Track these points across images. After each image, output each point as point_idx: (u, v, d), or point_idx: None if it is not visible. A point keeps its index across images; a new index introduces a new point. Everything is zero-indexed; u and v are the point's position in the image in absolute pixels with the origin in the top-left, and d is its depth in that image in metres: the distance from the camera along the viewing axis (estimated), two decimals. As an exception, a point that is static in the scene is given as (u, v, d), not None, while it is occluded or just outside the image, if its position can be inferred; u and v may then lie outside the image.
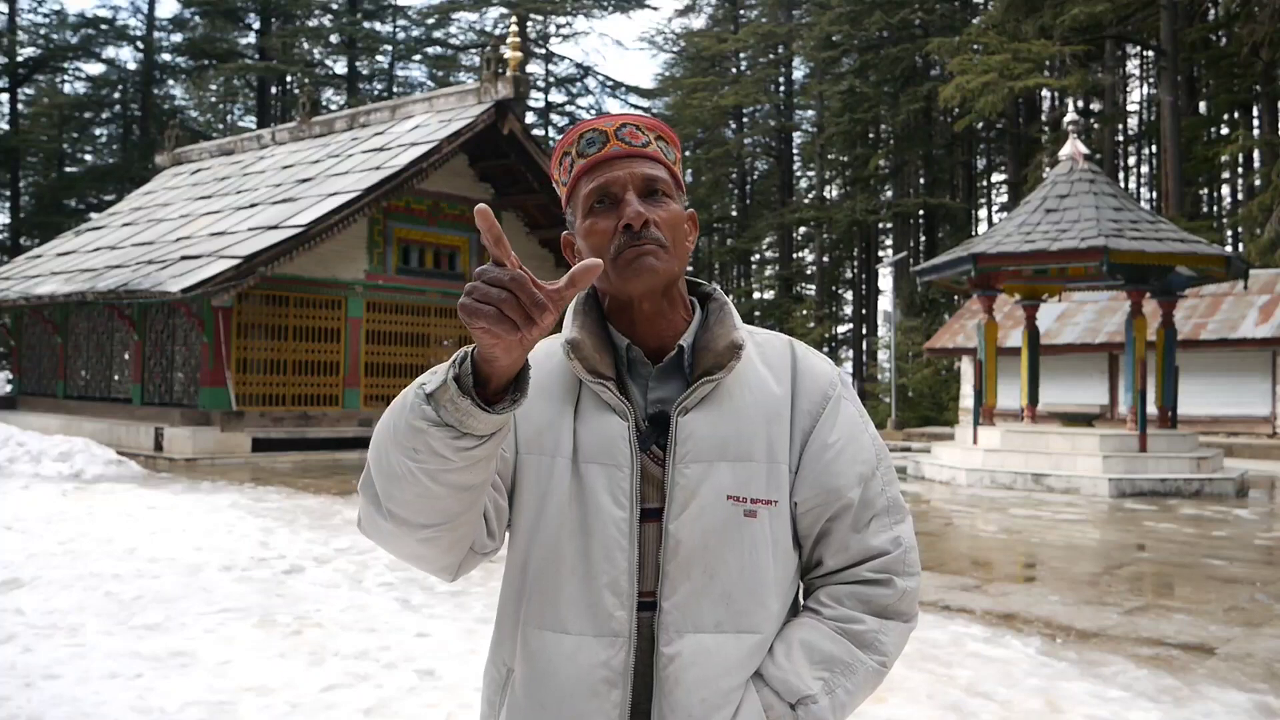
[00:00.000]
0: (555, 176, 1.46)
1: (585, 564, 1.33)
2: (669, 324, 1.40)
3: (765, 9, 45.82)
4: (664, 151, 1.41)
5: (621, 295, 1.38)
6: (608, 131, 1.39)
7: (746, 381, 1.39)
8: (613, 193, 1.37)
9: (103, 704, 4.21)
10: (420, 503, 1.22)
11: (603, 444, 1.35)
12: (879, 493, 1.42)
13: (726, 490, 1.34)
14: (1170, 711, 4.33)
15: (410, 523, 1.25)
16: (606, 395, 1.36)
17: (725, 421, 1.36)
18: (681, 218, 1.40)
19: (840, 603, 1.39)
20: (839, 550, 1.40)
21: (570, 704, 1.32)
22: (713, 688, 1.31)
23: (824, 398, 1.42)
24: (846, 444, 1.41)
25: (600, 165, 1.38)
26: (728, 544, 1.33)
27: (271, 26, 42.36)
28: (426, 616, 5.78)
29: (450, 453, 1.16)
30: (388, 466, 1.22)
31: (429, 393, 1.16)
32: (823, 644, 1.36)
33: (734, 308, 1.45)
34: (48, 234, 32.50)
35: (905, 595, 1.40)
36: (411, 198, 18.35)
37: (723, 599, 1.33)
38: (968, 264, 13.70)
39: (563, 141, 1.43)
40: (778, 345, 1.46)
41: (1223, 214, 37.21)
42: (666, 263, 1.35)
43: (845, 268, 46.56)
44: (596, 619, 1.32)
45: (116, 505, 10.11)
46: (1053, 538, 9.25)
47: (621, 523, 1.33)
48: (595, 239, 1.36)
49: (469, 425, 1.14)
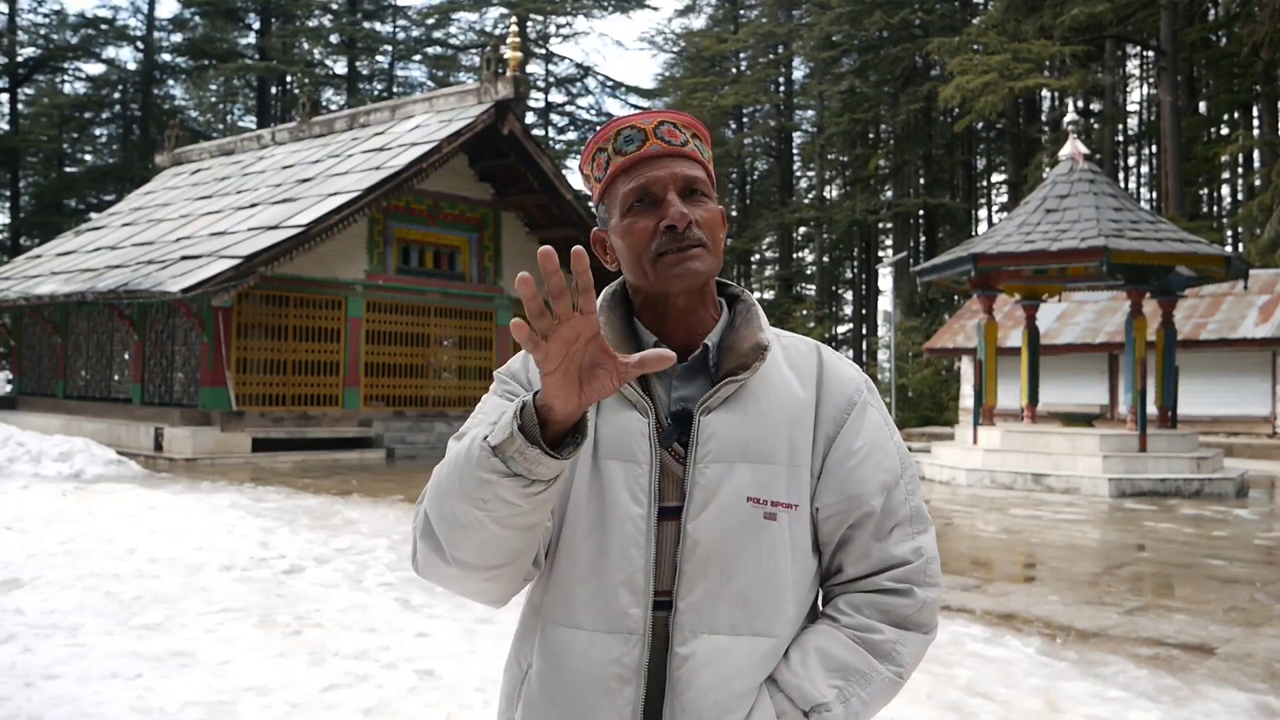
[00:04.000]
0: (586, 172, 1.44)
1: (602, 560, 1.33)
2: (699, 321, 1.40)
3: (765, 9, 45.81)
4: (700, 150, 1.40)
5: (658, 293, 1.38)
6: (647, 130, 1.37)
7: (771, 384, 1.38)
8: (654, 192, 1.36)
9: (103, 704, 4.20)
10: (487, 547, 1.26)
11: (622, 440, 1.34)
12: (902, 501, 1.40)
13: (747, 492, 1.33)
14: (1170, 711, 4.33)
15: (476, 566, 1.29)
16: (628, 391, 1.35)
17: (748, 423, 1.35)
18: (720, 217, 1.40)
19: (859, 611, 1.37)
20: (859, 558, 1.39)
21: (582, 699, 1.33)
22: (725, 690, 1.30)
23: (849, 404, 1.41)
24: (871, 451, 1.39)
25: (640, 164, 1.37)
26: (745, 546, 1.33)
27: (271, 26, 42.36)
28: (426, 616, 5.78)
29: (519, 499, 1.19)
30: (453, 517, 1.25)
31: (494, 445, 1.18)
32: (839, 652, 1.34)
33: (761, 310, 1.45)
34: (48, 234, 32.51)
35: (925, 606, 1.38)
36: (411, 198, 18.35)
37: (739, 601, 1.32)
38: (968, 264, 13.71)
39: (597, 137, 1.41)
40: (804, 350, 1.45)
41: (1223, 214, 37.21)
42: (708, 263, 1.36)
43: (845, 268, 46.56)
44: (611, 616, 1.32)
45: (116, 505, 10.11)
46: (1053, 538, 9.25)
47: (639, 520, 1.33)
48: (634, 238, 1.36)
49: (538, 472, 1.17)
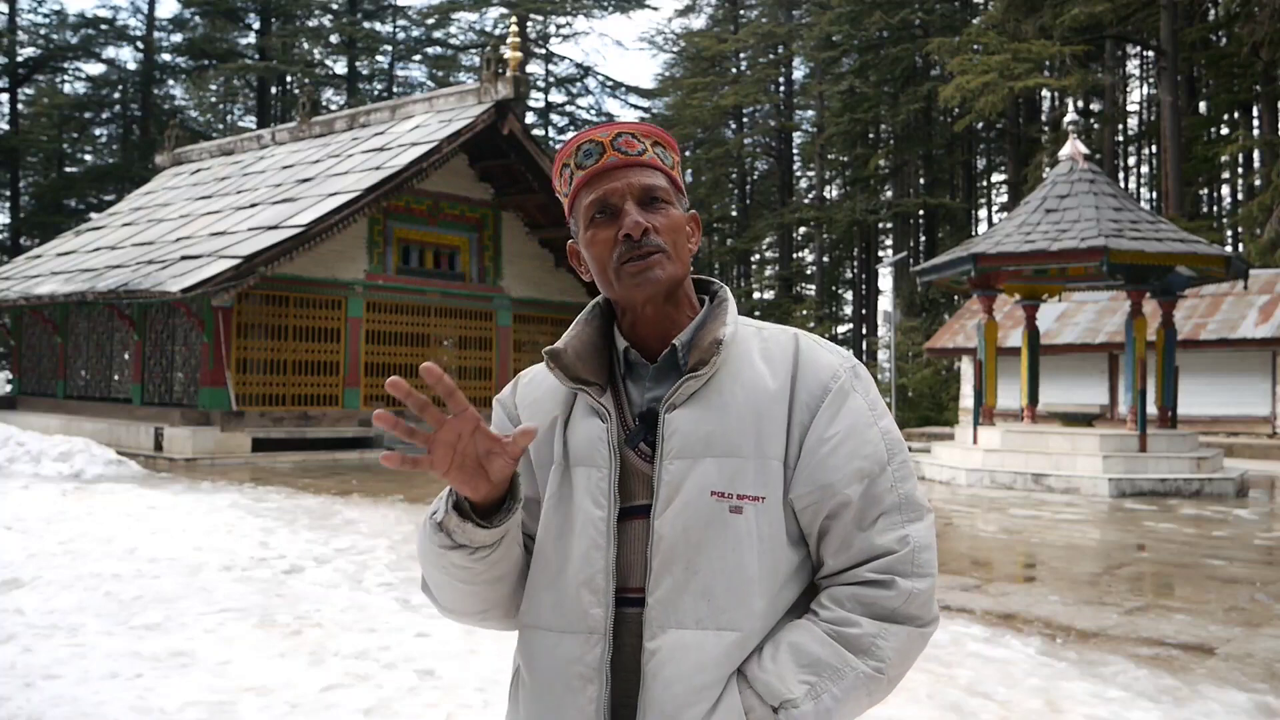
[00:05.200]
0: (557, 188, 1.49)
1: (567, 563, 1.38)
2: (673, 324, 1.43)
3: (765, 9, 45.81)
4: (661, 158, 1.43)
5: (625, 302, 1.42)
6: (604, 142, 1.41)
7: (738, 377, 1.39)
8: (612, 203, 1.39)
9: (103, 704, 4.20)
10: (465, 600, 1.44)
11: (586, 447, 1.40)
12: (888, 489, 1.37)
13: (711, 486, 1.34)
14: (1170, 711, 4.33)
15: (462, 612, 1.48)
16: (588, 400, 1.41)
17: (711, 417, 1.36)
18: (682, 222, 1.42)
19: (840, 605, 1.35)
20: (840, 549, 1.36)
21: (551, 698, 1.38)
22: (687, 684, 1.31)
23: (823, 390, 1.39)
24: (845, 438, 1.36)
25: (598, 176, 1.40)
26: (710, 540, 1.33)
27: (271, 26, 42.35)
28: (426, 616, 5.77)
29: (469, 563, 1.36)
30: (430, 577, 1.45)
31: (438, 523, 1.36)
32: (811, 647, 1.32)
33: (732, 304, 1.46)
34: (48, 234, 32.51)
35: (912, 598, 1.34)
36: (411, 198, 18.35)
37: (703, 595, 1.33)
38: (968, 264, 13.70)
39: (561, 153, 1.45)
40: (783, 340, 1.44)
41: (1223, 214, 37.21)
42: (668, 269, 1.39)
43: (845, 268, 46.59)
44: (574, 616, 1.37)
45: (116, 505, 10.11)
46: (1053, 538, 9.25)
47: (599, 522, 1.37)
48: (598, 249, 1.40)
49: (478, 540, 1.34)
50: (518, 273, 20.23)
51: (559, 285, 20.86)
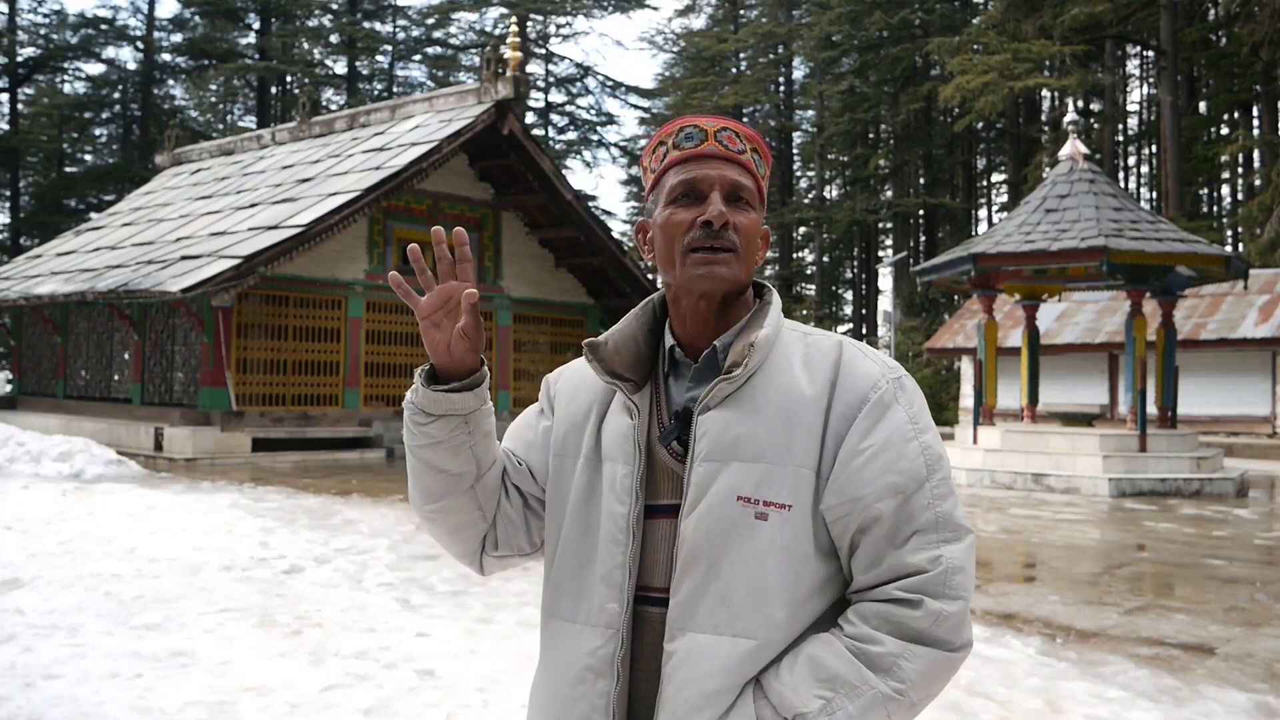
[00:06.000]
0: (645, 164, 1.48)
1: (589, 557, 1.41)
2: (723, 326, 1.42)
3: (765, 9, 45.83)
4: (756, 164, 1.43)
5: (682, 289, 1.41)
6: (708, 131, 1.41)
7: (775, 382, 1.36)
8: (699, 189, 1.39)
9: (103, 704, 4.20)
10: (415, 480, 1.48)
11: (616, 442, 1.41)
12: (924, 507, 1.32)
13: (737, 490, 1.32)
14: (1170, 711, 4.33)
15: (415, 501, 1.51)
16: (623, 397, 1.42)
17: (742, 421, 1.34)
18: (759, 228, 1.42)
19: (865, 621, 1.31)
20: (870, 565, 1.32)
21: (561, 688, 1.40)
22: (698, 688, 1.30)
23: (862, 400, 1.34)
24: (881, 450, 1.32)
25: (693, 160, 1.40)
26: (732, 545, 1.32)
27: (271, 26, 42.35)
28: (426, 616, 5.77)
29: (414, 427, 1.42)
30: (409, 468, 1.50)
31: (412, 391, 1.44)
32: (830, 662, 1.29)
33: (777, 307, 1.43)
34: (48, 234, 32.49)
35: (941, 620, 1.29)
36: (411, 197, 18.34)
37: (722, 600, 1.32)
38: (968, 264, 13.70)
39: (661, 131, 1.45)
40: (825, 346, 1.40)
41: (1223, 214, 37.22)
42: (734, 270, 1.38)
43: (845, 268, 46.60)
44: (591, 609, 1.39)
45: (116, 505, 10.11)
46: (1053, 538, 9.25)
47: (620, 518, 1.38)
48: (671, 229, 1.39)
49: (430, 406, 1.41)
50: (517, 273, 20.23)
51: (559, 285, 20.86)
